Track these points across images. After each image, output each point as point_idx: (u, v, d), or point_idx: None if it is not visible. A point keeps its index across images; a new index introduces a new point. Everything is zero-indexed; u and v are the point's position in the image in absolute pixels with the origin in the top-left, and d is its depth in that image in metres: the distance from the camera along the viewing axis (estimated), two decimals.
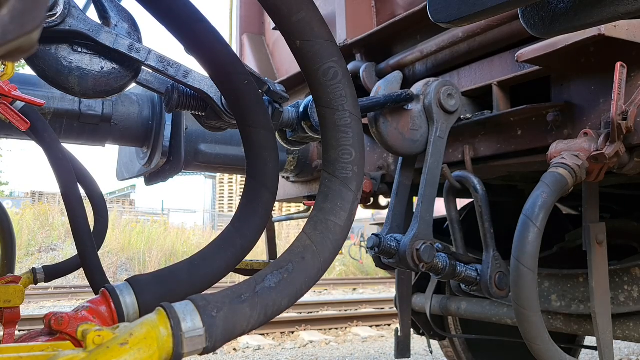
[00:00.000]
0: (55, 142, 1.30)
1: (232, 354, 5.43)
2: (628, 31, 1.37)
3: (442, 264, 1.57)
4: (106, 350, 0.46)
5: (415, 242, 1.49)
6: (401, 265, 1.52)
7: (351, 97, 0.67)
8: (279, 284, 0.57)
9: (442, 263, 1.57)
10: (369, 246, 1.53)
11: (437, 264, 1.56)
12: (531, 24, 0.63)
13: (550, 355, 1.29)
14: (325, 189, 0.65)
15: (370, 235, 1.53)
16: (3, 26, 0.28)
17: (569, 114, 1.55)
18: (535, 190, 1.31)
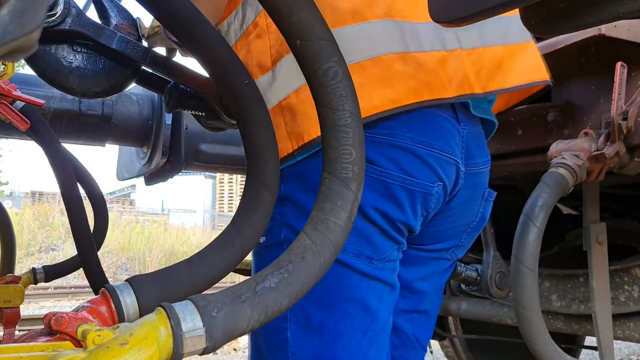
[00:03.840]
0: (55, 142, 1.30)
1: (232, 354, 5.43)
2: (628, 31, 1.37)
3: None
4: (106, 350, 0.46)
5: None
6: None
7: (351, 97, 0.66)
8: (279, 284, 0.57)
9: None
10: None
11: None
12: (531, 23, 0.63)
13: (550, 355, 1.29)
14: (326, 189, 0.65)
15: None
16: (3, 26, 0.28)
17: (569, 114, 1.55)
18: (536, 190, 1.31)
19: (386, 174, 0.94)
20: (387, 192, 0.94)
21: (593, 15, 0.56)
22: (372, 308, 0.98)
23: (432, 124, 0.97)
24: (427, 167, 0.96)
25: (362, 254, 0.96)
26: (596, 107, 1.49)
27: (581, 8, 0.56)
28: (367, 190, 0.93)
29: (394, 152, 0.94)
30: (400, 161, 0.94)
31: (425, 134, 0.96)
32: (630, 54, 1.40)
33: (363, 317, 0.97)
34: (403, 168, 0.94)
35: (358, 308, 0.97)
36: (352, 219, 0.65)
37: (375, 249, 0.96)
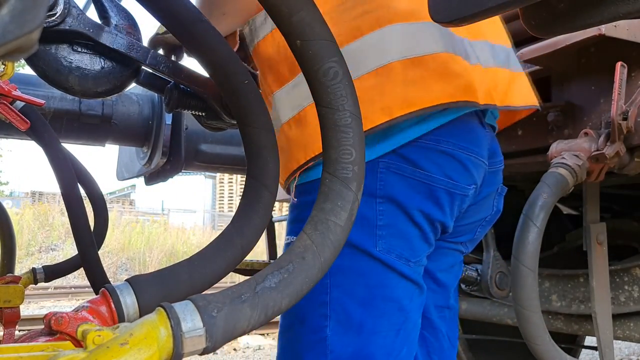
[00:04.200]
0: (55, 142, 1.30)
1: (232, 354, 5.43)
2: (628, 31, 1.37)
3: None
4: (106, 350, 0.46)
5: None
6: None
7: (351, 97, 0.66)
8: (279, 284, 0.57)
9: None
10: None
11: None
12: (531, 23, 0.63)
13: (550, 355, 1.29)
14: (326, 189, 0.65)
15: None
16: (3, 26, 0.28)
17: (570, 114, 1.55)
18: (536, 190, 1.31)
19: (431, 177, 0.99)
20: (431, 194, 1.00)
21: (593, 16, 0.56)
22: (406, 308, 1.02)
23: (468, 129, 1.04)
24: (465, 171, 1.03)
25: (402, 256, 1.00)
26: (596, 107, 1.49)
27: (581, 8, 0.56)
28: (413, 193, 0.99)
29: (439, 157, 1.00)
30: (444, 165, 1.00)
31: (463, 139, 1.02)
32: (631, 54, 1.40)
33: (398, 317, 1.01)
34: (446, 172, 1.00)
35: (394, 307, 1.00)
36: (352, 219, 0.65)
37: (413, 252, 1.01)
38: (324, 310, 0.99)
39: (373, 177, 0.98)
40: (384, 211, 0.99)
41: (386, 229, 0.99)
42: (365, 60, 0.96)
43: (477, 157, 1.05)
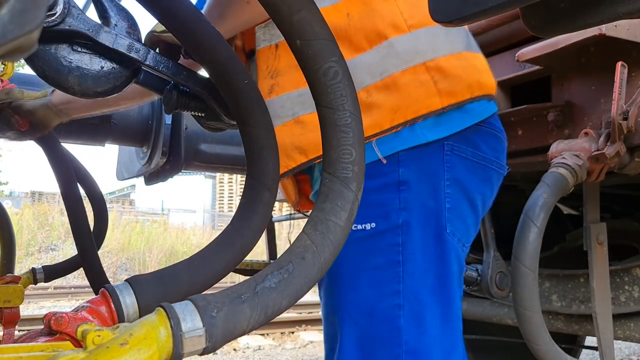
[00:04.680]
0: (55, 142, 1.30)
1: (232, 354, 5.43)
2: (629, 31, 1.37)
3: None
4: (106, 351, 0.46)
5: None
6: None
7: (351, 97, 0.66)
8: (279, 284, 0.57)
9: None
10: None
11: None
12: (532, 23, 0.63)
13: (550, 355, 1.29)
14: (326, 189, 0.65)
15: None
16: (2, 26, 0.28)
17: (570, 114, 1.55)
18: (536, 190, 1.31)
19: (487, 159, 1.07)
20: (486, 176, 1.07)
21: (593, 15, 0.56)
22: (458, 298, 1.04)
23: (498, 117, 1.15)
24: (503, 152, 1.14)
25: (461, 240, 1.03)
26: (596, 107, 1.49)
27: (582, 8, 0.56)
28: (473, 175, 1.04)
29: (491, 139, 1.08)
30: (495, 147, 1.09)
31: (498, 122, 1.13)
32: (631, 53, 1.40)
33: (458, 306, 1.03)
34: (495, 154, 1.09)
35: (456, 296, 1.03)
36: (352, 218, 0.65)
37: (468, 236, 1.06)
38: (397, 300, 0.97)
39: (439, 158, 1.01)
40: (450, 194, 1.01)
41: (452, 212, 1.01)
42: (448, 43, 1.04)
43: (505, 139, 1.16)
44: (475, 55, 1.10)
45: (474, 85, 1.03)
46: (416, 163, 1.01)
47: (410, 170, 1.00)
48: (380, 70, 1.01)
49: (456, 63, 1.03)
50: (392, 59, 1.00)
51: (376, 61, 1.02)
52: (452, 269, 1.01)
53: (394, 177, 1.00)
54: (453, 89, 1.01)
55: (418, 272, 0.99)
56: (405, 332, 0.97)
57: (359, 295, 1.00)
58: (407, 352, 0.96)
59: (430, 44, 1.02)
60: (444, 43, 1.03)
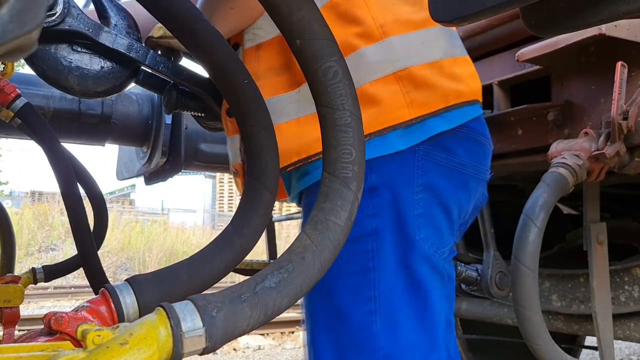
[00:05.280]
0: (54, 142, 1.30)
1: (232, 354, 5.44)
2: (629, 31, 1.37)
3: None
4: (106, 350, 0.46)
5: None
6: None
7: (351, 97, 0.66)
8: (279, 284, 0.57)
9: None
10: None
11: None
12: (531, 23, 0.63)
13: (550, 355, 1.29)
14: (326, 189, 0.65)
15: None
16: (2, 25, 0.28)
17: (570, 114, 1.55)
18: (536, 190, 1.31)
19: (464, 164, 1.04)
20: (463, 182, 1.05)
21: (593, 15, 0.56)
22: (437, 298, 1.03)
23: (481, 118, 1.12)
24: (485, 157, 1.11)
25: (434, 245, 1.02)
26: (596, 107, 1.49)
27: (581, 8, 0.56)
28: (447, 181, 1.02)
29: (469, 144, 1.06)
30: (473, 152, 1.07)
31: (481, 126, 1.11)
32: (631, 53, 1.40)
33: (435, 307, 1.02)
34: (474, 158, 1.07)
35: (432, 298, 1.02)
36: (352, 218, 0.65)
37: (441, 242, 1.04)
38: (371, 306, 0.98)
39: (412, 164, 1.00)
40: (420, 200, 1.00)
41: (422, 218, 1.00)
42: (422, 51, 1.02)
43: (489, 142, 1.13)
44: (456, 61, 1.07)
45: (449, 94, 1.01)
46: (387, 169, 1.00)
47: (382, 177, 1.00)
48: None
49: (430, 72, 1.01)
50: (362, 69, 0.99)
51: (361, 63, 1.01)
52: (423, 274, 1.00)
53: (365, 184, 0.99)
54: (424, 100, 0.99)
55: (390, 277, 0.99)
56: (380, 337, 0.97)
57: (335, 302, 1.01)
58: (384, 357, 0.97)
59: (403, 52, 1.00)
60: (418, 51, 1.01)
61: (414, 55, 1.01)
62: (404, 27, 1.02)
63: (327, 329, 1.03)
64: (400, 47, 1.00)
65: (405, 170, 1.00)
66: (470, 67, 1.10)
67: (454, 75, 1.04)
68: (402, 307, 0.99)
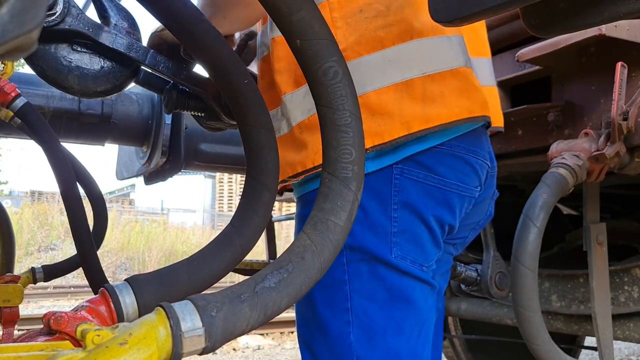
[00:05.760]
0: (54, 142, 1.30)
1: (231, 353, 5.44)
2: (629, 31, 1.37)
3: None
4: (105, 350, 0.46)
5: None
6: None
7: (351, 97, 0.66)
8: (278, 284, 0.57)
9: None
10: None
11: None
12: (532, 23, 0.63)
13: (550, 355, 1.29)
14: (326, 189, 0.65)
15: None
16: (2, 25, 0.28)
17: (570, 114, 1.55)
18: (536, 190, 1.31)
19: (444, 181, 1.00)
20: (444, 198, 1.01)
21: (594, 15, 0.56)
22: (423, 309, 1.03)
23: (476, 134, 1.06)
24: (474, 174, 1.05)
25: (416, 261, 1.01)
26: (596, 107, 1.49)
27: (582, 8, 0.56)
28: (427, 198, 0.99)
29: (451, 161, 1.01)
30: (456, 169, 1.02)
31: (472, 143, 1.04)
32: (631, 54, 1.40)
33: (418, 318, 1.02)
34: (457, 175, 1.02)
35: (414, 309, 1.02)
36: (352, 218, 0.65)
37: (426, 257, 1.02)
38: (347, 317, 0.99)
39: (387, 183, 0.98)
40: (398, 218, 0.99)
41: (400, 236, 0.99)
42: (384, 73, 0.96)
43: (484, 160, 1.08)
44: (436, 77, 0.97)
45: (412, 120, 0.94)
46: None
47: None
48: (308, 107, 0.99)
49: (393, 96, 0.95)
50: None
51: (306, 98, 1.00)
52: (403, 286, 1.00)
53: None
54: (379, 129, 0.94)
55: (366, 289, 0.99)
56: (355, 348, 0.98)
57: (316, 312, 1.02)
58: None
59: (361, 78, 0.94)
60: (382, 72, 0.95)
61: (375, 78, 0.95)
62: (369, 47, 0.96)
63: (308, 339, 1.06)
64: (359, 72, 0.94)
65: (380, 189, 0.98)
66: (459, 82, 1.00)
67: (427, 95, 0.96)
68: (379, 319, 0.99)
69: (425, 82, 0.97)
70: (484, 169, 1.08)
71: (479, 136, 1.07)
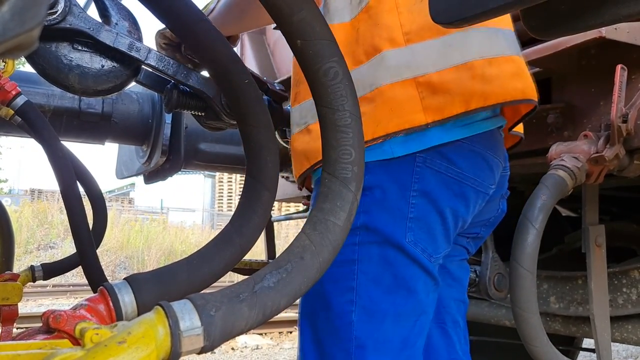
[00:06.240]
0: (54, 140, 1.30)
1: (230, 353, 5.44)
2: (629, 34, 1.37)
3: None
4: (104, 349, 0.46)
5: None
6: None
7: (351, 97, 0.66)
8: (277, 283, 0.57)
9: None
10: None
11: None
12: (532, 25, 0.63)
13: (548, 357, 1.29)
14: (325, 189, 0.65)
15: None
16: (3, 23, 0.28)
17: (569, 116, 1.55)
18: (535, 191, 1.31)
19: (463, 175, 1.05)
20: (461, 192, 1.05)
21: (594, 18, 0.56)
22: (423, 301, 1.06)
23: (494, 135, 1.11)
24: (489, 171, 1.10)
25: (426, 250, 1.04)
26: (596, 110, 1.49)
27: (582, 10, 0.56)
28: (445, 189, 1.03)
29: (471, 156, 1.06)
30: (475, 164, 1.07)
31: (490, 143, 1.10)
32: (631, 56, 1.40)
33: (417, 309, 1.05)
34: (475, 171, 1.07)
35: (415, 299, 1.04)
36: (351, 219, 0.65)
37: (435, 248, 1.05)
38: (351, 296, 1.01)
39: (409, 170, 1.02)
40: (416, 204, 1.02)
41: (416, 222, 1.02)
42: (445, 56, 1.01)
43: (499, 159, 1.13)
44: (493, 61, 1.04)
45: (472, 97, 1.00)
46: (384, 171, 1.02)
47: (377, 178, 1.02)
48: (370, 82, 1.03)
49: (454, 76, 1.01)
50: (383, 71, 1.01)
51: (369, 73, 1.03)
52: (408, 274, 1.02)
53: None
54: (440, 105, 0.99)
55: (373, 271, 1.02)
56: (356, 327, 1.00)
57: (320, 289, 1.04)
58: (357, 346, 1.00)
59: (424, 60, 1.01)
60: (443, 55, 1.01)
61: (437, 60, 1.01)
62: (431, 33, 1.02)
63: (309, 313, 1.08)
64: (422, 54, 1.01)
65: (402, 174, 1.02)
66: (513, 66, 1.07)
67: (485, 76, 1.02)
68: (382, 302, 1.01)
69: (484, 65, 1.03)
70: (498, 169, 1.13)
71: (496, 138, 1.12)
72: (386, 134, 0.99)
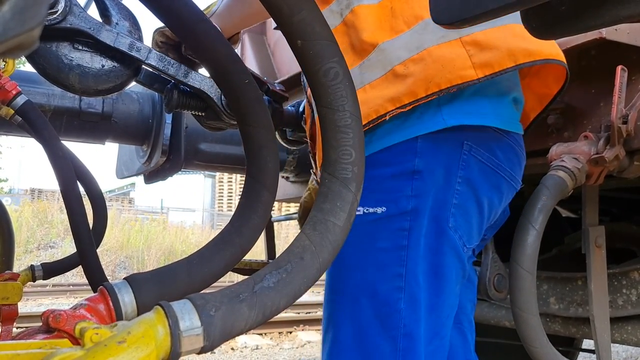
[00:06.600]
0: (55, 140, 1.30)
1: (229, 353, 5.43)
2: (629, 35, 1.37)
3: None
4: (104, 348, 0.46)
5: None
6: None
7: (352, 98, 0.66)
8: (277, 284, 0.57)
9: None
10: None
11: None
12: (532, 26, 0.63)
13: (548, 358, 1.29)
14: (325, 190, 0.65)
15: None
16: (4, 23, 0.28)
17: (569, 117, 1.55)
18: (535, 192, 1.31)
19: (501, 167, 1.08)
20: (497, 183, 1.09)
21: (594, 19, 0.56)
22: (455, 291, 1.07)
23: (520, 137, 1.16)
24: (519, 168, 1.15)
25: (462, 239, 1.05)
26: (596, 111, 1.49)
27: (582, 11, 0.56)
28: (485, 180, 1.06)
29: (509, 150, 1.10)
30: (510, 159, 1.11)
31: (520, 142, 1.15)
32: (631, 57, 1.40)
33: (450, 300, 1.06)
34: (511, 165, 1.11)
35: (451, 288, 1.05)
36: (351, 219, 0.65)
37: (469, 237, 1.07)
38: (399, 283, 1.00)
39: (457, 156, 1.04)
40: (460, 191, 1.04)
41: (457, 209, 1.04)
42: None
43: (524, 158, 1.19)
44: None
45: (517, 53, 1.02)
46: (433, 155, 1.03)
47: (426, 162, 1.03)
48: (417, 45, 1.04)
49: (497, 35, 1.02)
50: (429, 34, 1.03)
51: (413, 38, 1.04)
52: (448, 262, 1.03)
53: (409, 166, 1.03)
54: (489, 61, 1.01)
55: (419, 258, 1.02)
56: (404, 315, 0.99)
57: (364, 276, 1.03)
58: (405, 335, 0.99)
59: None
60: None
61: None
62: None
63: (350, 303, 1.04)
64: None
65: (451, 159, 1.03)
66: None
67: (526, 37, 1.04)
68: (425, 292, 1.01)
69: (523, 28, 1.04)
70: (523, 164, 1.18)
71: (522, 138, 1.17)
72: (439, 90, 1.00)
